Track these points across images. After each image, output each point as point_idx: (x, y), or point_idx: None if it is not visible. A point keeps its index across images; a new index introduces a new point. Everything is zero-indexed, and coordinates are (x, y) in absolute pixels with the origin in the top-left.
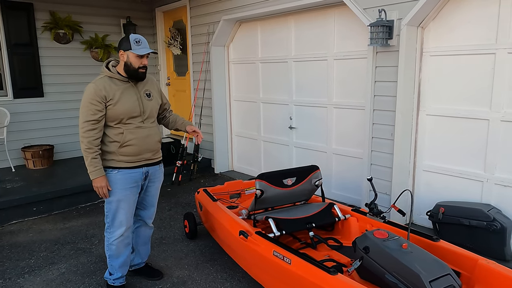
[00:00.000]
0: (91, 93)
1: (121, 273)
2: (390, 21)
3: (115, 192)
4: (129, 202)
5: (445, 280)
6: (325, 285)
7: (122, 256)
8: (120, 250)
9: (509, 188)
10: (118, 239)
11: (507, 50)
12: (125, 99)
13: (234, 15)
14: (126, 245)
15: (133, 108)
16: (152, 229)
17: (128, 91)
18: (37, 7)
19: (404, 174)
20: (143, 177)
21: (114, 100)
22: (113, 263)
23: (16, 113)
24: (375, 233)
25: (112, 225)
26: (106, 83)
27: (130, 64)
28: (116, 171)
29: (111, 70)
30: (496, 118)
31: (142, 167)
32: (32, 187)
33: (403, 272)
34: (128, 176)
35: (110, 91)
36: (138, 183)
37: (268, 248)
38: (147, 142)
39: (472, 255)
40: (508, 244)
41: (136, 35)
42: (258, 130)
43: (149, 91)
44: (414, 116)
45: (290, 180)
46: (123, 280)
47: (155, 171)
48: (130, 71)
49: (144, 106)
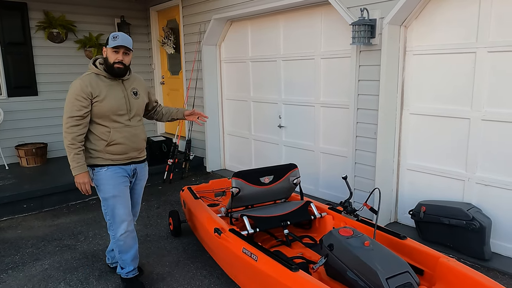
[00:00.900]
0: (77, 89)
1: (133, 266)
2: (373, 20)
3: (109, 189)
4: (124, 197)
5: (402, 277)
6: (285, 281)
7: (132, 249)
8: (128, 244)
9: (490, 187)
10: (124, 234)
11: (487, 49)
12: (112, 96)
13: (224, 14)
14: (133, 238)
15: (119, 106)
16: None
17: (115, 88)
18: (31, 7)
19: (387, 173)
20: (131, 174)
21: (100, 97)
22: (125, 258)
23: (11, 111)
24: (340, 230)
25: (114, 222)
26: (92, 80)
27: (107, 59)
28: (106, 168)
29: (98, 67)
30: (477, 117)
31: (130, 164)
32: (23, 185)
33: (363, 269)
34: (118, 172)
35: (96, 87)
36: (129, 178)
37: (238, 245)
38: (133, 141)
39: (435, 253)
40: (488, 243)
41: (117, 32)
42: (249, 129)
43: (136, 89)
44: (397, 115)
45: (267, 178)
46: (135, 271)
47: (141, 169)
48: (108, 67)
49: (131, 104)
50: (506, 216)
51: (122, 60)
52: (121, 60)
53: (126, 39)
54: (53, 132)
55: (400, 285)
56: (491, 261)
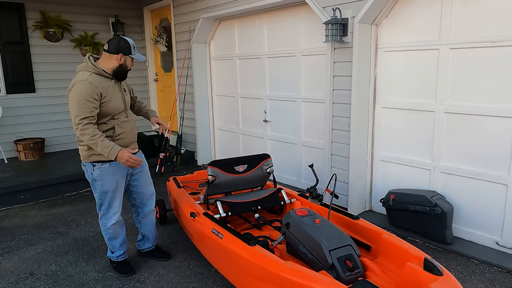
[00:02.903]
0: (87, 90)
1: (122, 250)
2: (345, 19)
3: (110, 183)
4: (121, 191)
5: (344, 249)
6: (244, 254)
7: (120, 236)
8: (117, 232)
9: (453, 176)
10: (114, 224)
11: (449, 46)
12: (115, 97)
13: (212, 13)
14: (121, 225)
15: (120, 104)
16: (154, 212)
17: (115, 88)
18: (28, 7)
19: (361, 164)
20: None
21: (107, 98)
22: (114, 244)
23: (9, 108)
24: (297, 211)
25: (107, 213)
26: (97, 80)
27: (125, 66)
28: (108, 164)
29: (97, 67)
30: (440, 110)
31: None
32: (21, 177)
33: (311, 243)
34: (118, 167)
35: (103, 88)
36: (126, 172)
37: (209, 226)
38: (131, 135)
39: (379, 230)
40: (450, 227)
41: (132, 40)
42: (237, 123)
43: (124, 86)
44: (370, 108)
45: (241, 167)
46: (125, 255)
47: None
48: (122, 72)
49: (126, 101)
50: (467, 203)
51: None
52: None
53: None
54: (50, 127)
55: (341, 256)
56: (453, 244)
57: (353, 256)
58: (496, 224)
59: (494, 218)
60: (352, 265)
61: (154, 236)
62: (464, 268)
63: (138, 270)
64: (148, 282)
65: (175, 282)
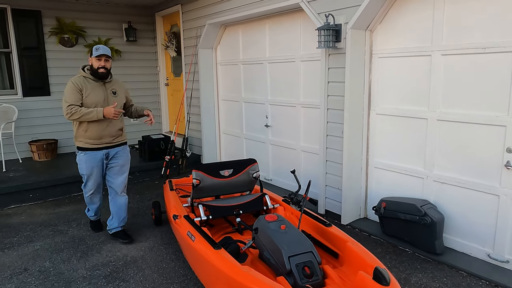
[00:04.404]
0: (71, 86)
1: (93, 212)
2: (338, 25)
3: (83, 168)
4: (95, 176)
5: (304, 256)
6: (207, 257)
7: (95, 204)
8: (92, 201)
9: (446, 185)
10: (90, 195)
11: (441, 52)
12: (94, 94)
13: (217, 19)
14: (98, 198)
15: (98, 101)
16: (124, 198)
17: (97, 88)
18: (45, 14)
19: (355, 170)
20: (104, 157)
21: (86, 94)
22: (91, 207)
23: (25, 110)
24: (266, 216)
25: (85, 188)
26: (81, 80)
27: (92, 65)
28: (83, 153)
29: (86, 72)
30: (433, 117)
31: (102, 149)
32: (31, 176)
33: (273, 248)
34: (91, 157)
35: (83, 86)
36: (102, 161)
37: (186, 228)
38: (107, 129)
39: (345, 237)
40: (440, 238)
41: (99, 45)
42: (241, 128)
43: (115, 89)
44: (365, 115)
45: (227, 172)
46: (96, 217)
47: (116, 151)
48: (93, 71)
49: (109, 100)
50: (459, 213)
51: (104, 65)
52: (104, 66)
53: (106, 49)
54: (63, 129)
55: (300, 262)
56: (443, 255)
57: (312, 263)
58: (488, 236)
59: (486, 229)
60: (310, 272)
61: (122, 219)
62: (450, 280)
63: (126, 270)
64: (132, 282)
65: (158, 282)
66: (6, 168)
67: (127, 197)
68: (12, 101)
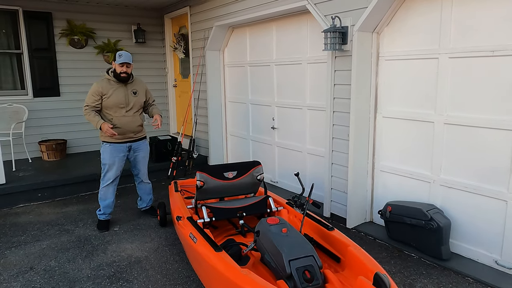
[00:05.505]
0: (93, 89)
1: (104, 211)
2: (345, 27)
3: (106, 158)
4: (116, 166)
5: (305, 260)
6: (208, 259)
7: (107, 199)
8: (106, 195)
9: (453, 189)
10: (104, 188)
11: (448, 55)
12: (115, 95)
13: (224, 21)
14: (111, 193)
15: (119, 101)
16: (149, 184)
17: (119, 89)
18: (55, 16)
19: (361, 174)
20: (127, 149)
21: (107, 95)
22: (101, 203)
23: (35, 110)
24: (268, 219)
25: (103, 179)
26: (104, 84)
27: (115, 70)
28: (108, 144)
29: (109, 75)
30: (440, 120)
31: (126, 143)
32: (40, 176)
33: (274, 251)
34: (115, 148)
35: (105, 89)
36: (124, 153)
37: (188, 230)
38: (129, 126)
39: (348, 241)
40: (446, 243)
41: (121, 51)
42: (248, 130)
43: (136, 90)
44: (371, 118)
45: (231, 173)
46: (105, 216)
47: (137, 145)
48: (115, 75)
49: (129, 100)
50: (467, 218)
51: (126, 71)
52: (126, 71)
53: (128, 57)
54: (73, 130)
55: (301, 266)
56: (449, 261)
57: (313, 267)
58: (495, 242)
59: (494, 235)
60: (310, 276)
61: (149, 199)
62: (456, 286)
63: (129, 270)
64: (136, 282)
65: (161, 283)
66: (16, 168)
67: (151, 183)
68: (22, 102)
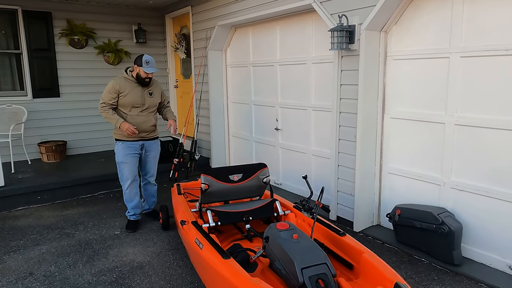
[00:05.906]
0: (110, 86)
1: (133, 212)
2: (352, 26)
3: (120, 157)
4: (130, 164)
5: (318, 268)
6: (215, 266)
7: (133, 201)
8: (131, 196)
9: (464, 192)
10: (128, 189)
11: (460, 54)
12: (131, 94)
13: (227, 21)
14: (135, 194)
15: (135, 101)
16: (155, 186)
17: (136, 89)
18: (55, 16)
19: (368, 176)
20: (139, 148)
21: (124, 94)
22: (128, 205)
23: (35, 111)
24: (277, 224)
25: (122, 179)
26: (121, 82)
27: (139, 75)
28: (121, 142)
29: (128, 74)
30: (450, 121)
31: (139, 141)
32: (39, 178)
33: (285, 259)
34: (128, 146)
35: (123, 87)
36: (137, 151)
37: (194, 235)
38: (143, 125)
39: (362, 248)
40: (458, 248)
41: (148, 56)
42: (250, 131)
43: (152, 91)
44: (379, 119)
45: (236, 176)
46: (135, 217)
47: (150, 144)
48: (139, 79)
49: (145, 100)
50: (478, 222)
51: (150, 77)
52: (150, 77)
53: (154, 63)
54: (73, 131)
55: (314, 275)
56: (461, 266)
57: (327, 275)
58: (508, 246)
59: (507, 239)
60: (324, 285)
61: (152, 202)
62: None
63: (132, 276)
64: None
65: None
66: (15, 170)
67: (156, 185)
68: (21, 103)
